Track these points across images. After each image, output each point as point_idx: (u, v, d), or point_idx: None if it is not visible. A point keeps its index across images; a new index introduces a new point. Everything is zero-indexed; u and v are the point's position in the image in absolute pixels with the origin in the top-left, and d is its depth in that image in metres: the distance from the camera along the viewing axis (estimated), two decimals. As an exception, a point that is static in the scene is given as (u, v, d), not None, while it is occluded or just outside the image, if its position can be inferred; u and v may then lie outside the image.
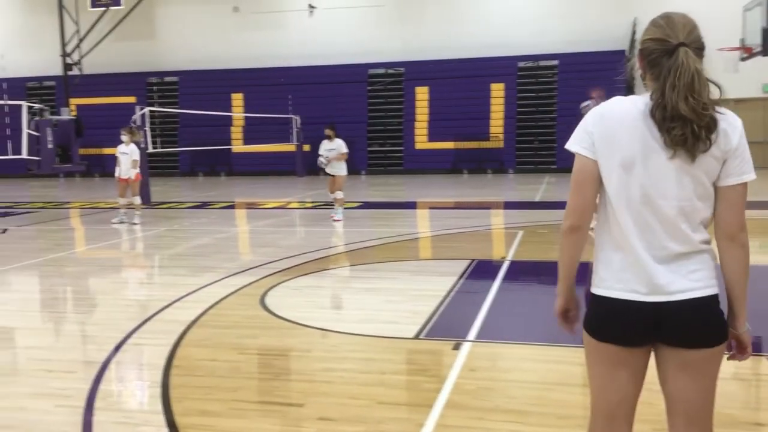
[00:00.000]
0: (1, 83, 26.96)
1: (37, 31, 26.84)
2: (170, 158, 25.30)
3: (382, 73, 25.30)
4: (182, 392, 4.08)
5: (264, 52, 25.60)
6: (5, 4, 27.21)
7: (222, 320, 5.73)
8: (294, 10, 25.49)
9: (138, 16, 24.75)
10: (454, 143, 23.67)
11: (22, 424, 3.69)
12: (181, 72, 26.39)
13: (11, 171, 25.48)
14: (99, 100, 25.38)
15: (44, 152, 13.11)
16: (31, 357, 4.90)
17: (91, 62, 25.19)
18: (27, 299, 7.17)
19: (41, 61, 26.80)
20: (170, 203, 15.66)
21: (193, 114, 23.38)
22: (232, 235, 11.41)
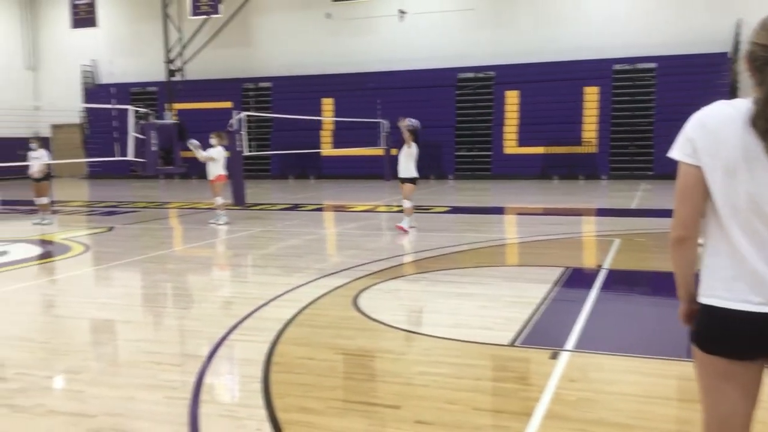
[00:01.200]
0: (110, 89, 28.53)
1: (142, 39, 28.25)
2: (263, 161, 26.01)
3: (472, 77, 25.14)
4: (282, 389, 4.18)
5: (354, 58, 25.97)
6: (114, 14, 28.75)
7: (317, 320, 5.83)
8: (384, 16, 25.72)
9: (235, 24, 25.67)
10: (545, 148, 23.22)
11: (133, 414, 3.86)
12: (275, 78, 27.12)
13: (116, 172, 26.96)
14: (198, 105, 26.40)
15: (149, 155, 13.76)
16: (140, 349, 5.13)
17: (191, 68, 26.34)
18: (132, 294, 7.54)
19: (145, 67, 28.19)
20: (263, 205, 16.08)
21: (285, 118, 23.96)
22: (322, 236, 11.61)
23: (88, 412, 3.87)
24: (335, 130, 25.81)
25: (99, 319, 6.28)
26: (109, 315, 6.38)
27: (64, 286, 7.93)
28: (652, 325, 5.77)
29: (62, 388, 4.41)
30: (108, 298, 7.17)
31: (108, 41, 29.01)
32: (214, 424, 3.71)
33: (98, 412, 3.87)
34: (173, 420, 3.78)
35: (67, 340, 5.61)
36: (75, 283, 8.09)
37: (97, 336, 5.87)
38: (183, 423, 3.72)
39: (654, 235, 10.45)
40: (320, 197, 18.71)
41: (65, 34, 29.33)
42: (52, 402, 4.08)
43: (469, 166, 24.34)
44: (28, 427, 3.69)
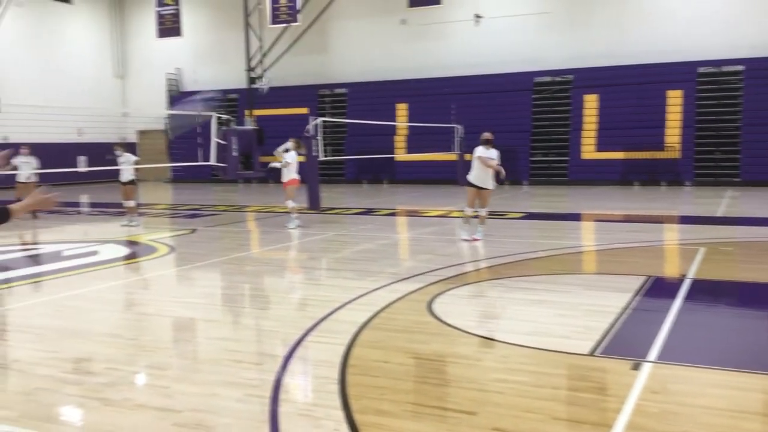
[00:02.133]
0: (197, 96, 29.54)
1: (225, 48, 29.16)
2: (337, 166, 26.37)
3: (549, 81, 24.76)
4: (359, 391, 4.23)
5: (429, 63, 26.01)
6: (197, 24, 29.79)
7: (392, 324, 5.87)
8: (460, 21, 25.65)
9: (313, 32, 26.11)
10: (625, 153, 22.60)
11: (215, 410, 3.99)
12: (350, 84, 27.46)
13: (198, 176, 27.87)
14: (275, 111, 27.02)
15: (230, 159, 14.18)
16: (222, 348, 5.29)
17: (270, 76, 26.96)
18: (213, 294, 7.78)
19: (226, 74, 29.08)
20: (337, 209, 16.30)
21: (359, 124, 24.22)
22: (395, 241, 11.66)
23: (174, 407, 4.02)
24: (409, 135, 25.89)
25: (183, 317, 6.52)
26: (192, 314, 6.61)
27: (150, 286, 8.27)
28: (739, 337, 5.53)
29: (149, 383, 4.59)
30: (191, 298, 7.42)
31: (192, 50, 30.09)
32: (292, 422, 3.79)
33: (183, 407, 4.02)
34: (254, 417, 3.89)
35: (153, 337, 5.84)
36: (160, 282, 8.42)
37: (181, 334, 6.09)
38: (263, 420, 3.82)
39: (742, 245, 10.01)
40: (394, 202, 18.80)
41: (151, 43, 30.59)
42: (140, 396, 4.26)
43: (545, 171, 23.94)
44: (117, 420, 3.87)
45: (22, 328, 6.18)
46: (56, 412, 4.09)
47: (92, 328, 6.01)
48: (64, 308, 6.77)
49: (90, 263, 9.38)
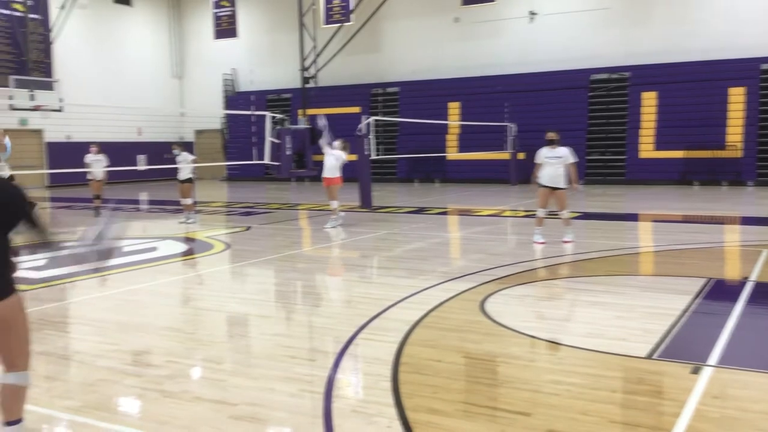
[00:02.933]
0: (250, 96, 30.09)
1: (279, 49, 29.56)
2: (389, 165, 26.42)
3: (605, 78, 24.28)
4: (411, 389, 4.23)
5: (482, 61, 25.82)
6: (253, 25, 30.28)
7: (444, 323, 5.85)
8: (514, 18, 25.40)
9: (366, 31, 26.25)
10: (684, 152, 21.99)
11: (272, 404, 4.05)
12: (403, 83, 27.48)
13: (253, 174, 28.34)
14: (328, 110, 27.21)
15: (283, 158, 14.38)
16: (276, 343, 5.37)
17: (323, 75, 27.24)
18: (267, 291, 7.90)
19: (280, 75, 29.47)
20: (389, 208, 16.33)
21: (411, 123, 24.21)
22: (447, 240, 11.62)
23: (230, 401, 4.10)
24: (461, 133, 25.76)
25: (238, 312, 6.64)
26: (247, 309, 6.72)
27: (207, 281, 8.45)
28: (808, 343, 5.32)
29: (206, 376, 4.69)
30: (246, 294, 7.56)
31: (247, 51, 30.59)
32: (346, 418, 3.82)
33: (239, 401, 4.10)
34: (308, 412, 3.93)
35: (209, 332, 5.97)
36: (216, 278, 8.59)
37: (237, 329, 6.21)
38: (317, 416, 3.86)
39: (809, 247, 9.61)
40: (445, 201, 18.74)
41: (208, 44, 31.25)
42: (197, 389, 4.36)
43: (601, 170, 23.49)
44: (175, 411, 3.97)
45: (84, 320, 6.39)
46: (117, 403, 4.22)
47: (152, 322, 6.17)
48: (125, 302, 6.98)
49: (149, 259, 9.64)
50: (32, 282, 8.06)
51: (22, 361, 3.29)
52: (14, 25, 24.80)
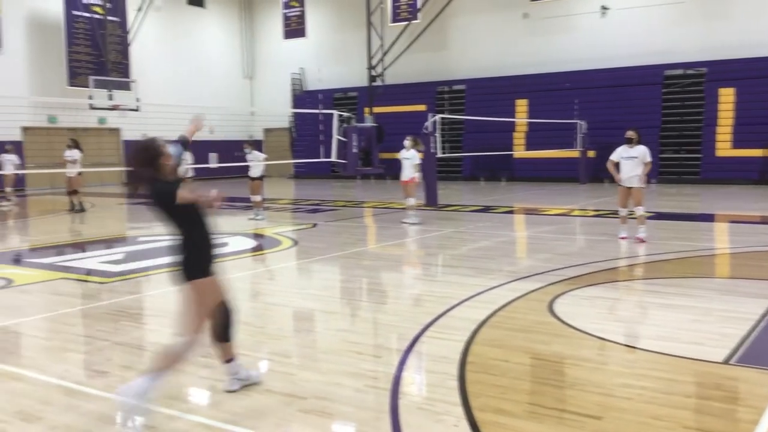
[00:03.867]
0: (317, 94, 30.49)
1: (347, 47, 29.83)
2: (455, 163, 26.30)
3: (680, 74, 23.49)
4: (478, 388, 4.21)
5: (551, 57, 25.39)
6: (321, 24, 30.64)
7: (512, 323, 5.79)
8: (585, 13, 24.87)
9: (432, 29, 26.17)
10: (764, 151, 21.07)
11: (339, 399, 4.11)
12: (469, 80, 27.29)
13: (319, 172, 28.72)
14: (394, 108, 27.31)
15: (350, 156, 14.50)
16: (342, 339, 5.44)
17: (390, 73, 27.31)
18: (333, 287, 7.99)
19: (347, 73, 29.74)
20: (454, 206, 16.26)
21: (477, 120, 24.03)
22: (513, 239, 11.49)
23: (299, 394, 4.18)
24: (529, 131, 25.41)
25: (305, 308, 6.75)
26: (314, 305, 6.82)
27: (275, 277, 8.62)
28: None
29: (275, 369, 4.78)
30: (313, 290, 7.67)
31: (315, 50, 30.99)
32: (413, 416, 3.84)
33: (308, 394, 4.17)
34: (375, 408, 3.97)
35: (278, 326, 6.09)
36: (284, 274, 8.76)
37: (304, 324, 6.31)
38: (384, 411, 3.89)
39: None
40: (512, 199, 18.52)
41: (277, 44, 31.81)
42: (268, 382, 4.45)
43: (676, 169, 22.77)
44: (246, 403, 4.07)
45: (159, 312, 6.61)
46: (191, 394, 4.36)
47: (223, 316, 6.33)
48: (198, 296, 7.18)
49: (220, 254, 9.87)
50: (110, 275, 8.41)
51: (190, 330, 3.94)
52: (94, 27, 25.85)
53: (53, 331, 5.95)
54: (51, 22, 25.32)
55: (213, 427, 3.74)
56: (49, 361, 5.02)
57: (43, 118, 25.04)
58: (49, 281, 8.07)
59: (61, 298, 7.21)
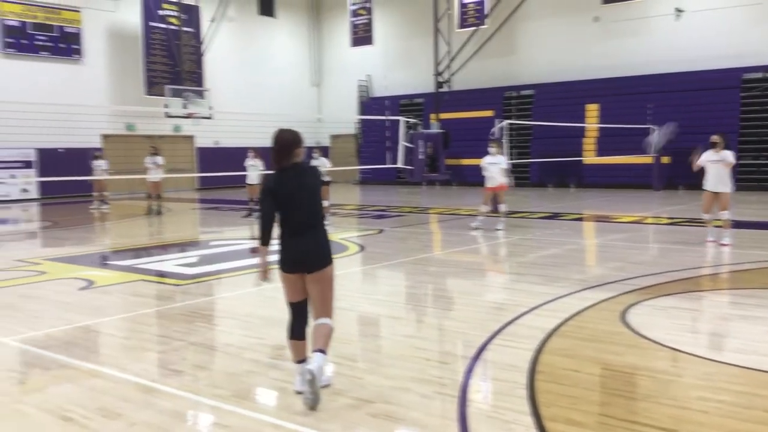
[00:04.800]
0: (384, 101, 30.68)
1: (413, 54, 29.93)
2: (521, 169, 25.98)
3: (760, 78, 22.53)
4: (548, 398, 4.15)
5: (623, 61, 24.80)
6: (388, 31, 30.86)
7: (582, 332, 5.68)
8: (659, 16, 24.19)
9: (500, 34, 26.02)
10: None
11: (406, 404, 4.11)
12: (537, 85, 26.93)
13: (384, 178, 28.86)
14: (460, 114, 27.21)
15: (416, 162, 14.52)
16: (409, 345, 5.45)
17: (456, 79, 27.28)
18: (399, 293, 8.01)
19: (414, 80, 29.82)
20: (522, 213, 16.05)
21: (545, 126, 23.68)
22: (583, 247, 11.25)
23: (367, 398, 4.21)
24: (599, 136, 24.86)
25: (371, 313, 6.80)
26: (380, 310, 6.86)
27: (341, 281, 8.68)
28: None
29: (344, 373, 4.83)
30: (379, 295, 7.72)
31: (382, 57, 31.21)
32: (481, 424, 3.81)
33: (376, 398, 4.20)
34: (443, 415, 3.96)
35: (345, 330, 6.14)
36: (351, 279, 8.83)
37: (371, 328, 6.35)
38: (452, 419, 3.88)
39: None
40: (581, 206, 18.15)
41: (344, 52, 32.21)
42: (338, 385, 4.50)
43: (755, 176, 21.82)
44: (318, 405, 4.12)
45: (231, 315, 6.79)
46: (263, 394, 4.45)
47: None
48: (268, 299, 7.32)
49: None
50: (184, 278, 8.68)
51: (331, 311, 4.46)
52: (170, 38, 26.79)
53: (132, 331, 6.19)
54: (129, 33, 26.38)
55: (282, 427, 3.81)
56: (128, 359, 5.22)
57: (121, 126, 26.09)
58: (128, 282, 8.40)
59: (139, 299, 7.49)
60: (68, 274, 8.95)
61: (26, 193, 23.85)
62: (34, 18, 23.96)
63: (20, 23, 23.61)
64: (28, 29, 23.80)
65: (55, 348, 5.52)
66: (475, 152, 24.05)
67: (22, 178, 23.27)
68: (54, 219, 17.31)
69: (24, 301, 7.31)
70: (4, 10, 23.23)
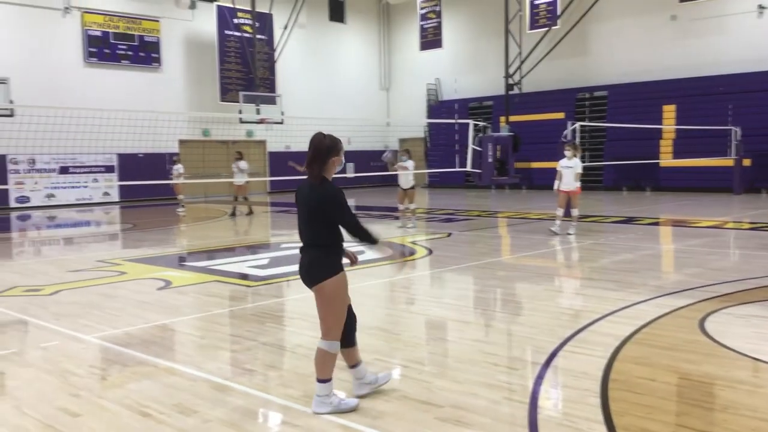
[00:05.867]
0: (453, 104, 30.61)
1: (482, 56, 29.73)
2: (594, 172, 25.39)
3: None
4: (622, 407, 4.03)
5: (702, 60, 23.94)
6: (457, 34, 30.75)
7: (658, 340, 5.50)
8: (739, 13, 23.23)
9: (573, 35, 25.53)
10: None
11: (474, 409, 4.08)
12: (611, 86, 26.29)
13: (453, 181, 28.75)
14: (530, 116, 26.83)
15: (485, 166, 14.41)
16: (478, 349, 5.40)
17: (528, 81, 26.92)
18: (468, 297, 7.95)
19: (483, 82, 29.61)
20: (594, 217, 15.69)
21: (619, 128, 23.07)
22: (658, 252, 10.90)
23: (436, 402, 4.20)
24: (676, 138, 24.05)
25: (439, 316, 6.77)
26: (449, 314, 6.83)
27: (411, 285, 8.71)
28: None
29: (411, 376, 4.83)
30: (447, 299, 7.68)
31: (451, 60, 31.12)
32: (552, 431, 3.74)
33: (444, 403, 4.18)
34: (513, 421, 3.91)
35: (413, 333, 6.16)
36: (419, 282, 8.84)
37: (439, 332, 6.33)
38: (522, 425, 3.82)
39: None
40: (657, 210, 17.59)
41: (413, 56, 32.30)
42: (405, 388, 4.51)
43: None
44: (384, 408, 4.14)
45: (302, 316, 6.89)
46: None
47: (361, 321, 6.41)
48: (337, 301, 7.41)
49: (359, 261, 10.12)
50: (256, 279, 8.87)
51: (333, 331, 4.10)
52: (244, 46, 27.48)
53: (206, 330, 6.37)
54: (205, 41, 27.21)
55: (351, 428, 3.84)
56: (203, 357, 5.37)
57: (197, 132, 26.92)
58: (203, 283, 8.65)
59: (214, 299, 7.70)
60: (147, 274, 9.29)
61: (108, 196, 24.90)
62: (116, 28, 25.02)
63: (102, 33, 24.69)
64: (110, 39, 24.87)
65: (134, 345, 5.73)
66: (545, 155, 23.69)
67: (104, 182, 24.33)
68: (133, 221, 18.01)
69: (105, 300, 7.63)
70: (88, 21, 24.35)
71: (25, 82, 21.28)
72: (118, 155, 24.43)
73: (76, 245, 13.65)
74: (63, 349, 5.70)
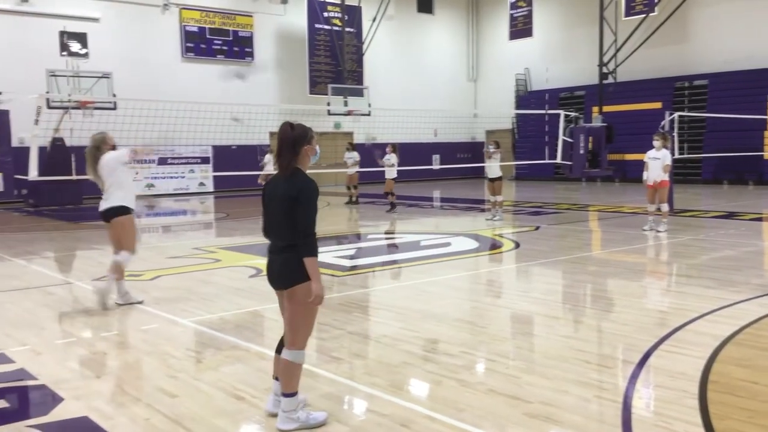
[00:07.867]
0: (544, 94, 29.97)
1: (575, 45, 28.92)
2: (693, 165, 24.27)
3: None
4: (722, 410, 3.84)
5: (814, 46, 22.40)
6: (549, 22, 30.03)
7: (762, 342, 5.20)
8: None
9: (672, 21, 24.46)
10: None
11: (565, 407, 3.98)
12: (712, 74, 25.02)
13: (541, 174, 28.18)
14: (625, 107, 25.90)
15: (576, 157, 14.03)
16: (568, 345, 5.27)
17: (622, 70, 26.00)
18: (557, 291, 7.77)
19: (574, 72, 28.82)
20: (693, 211, 15.01)
21: (721, 118, 21.93)
22: (762, 249, 10.30)
23: (524, 398, 4.13)
24: (783, 130, 22.63)
25: (527, 311, 6.65)
26: (537, 309, 6.70)
27: (497, 278, 8.61)
28: None
29: (499, 371, 4.76)
30: (535, 293, 7.53)
31: (541, 49, 30.44)
32: (646, 432, 3.61)
33: (533, 399, 4.10)
34: (605, 420, 3.79)
35: (500, 327, 6.08)
36: (506, 275, 8.71)
37: (526, 326, 6.22)
38: (615, 425, 3.70)
39: None
40: (761, 205, 16.63)
41: (502, 46, 31.80)
42: (492, 382, 4.46)
43: None
44: (471, 401, 4.11)
45: (387, 307, 6.93)
46: (418, 386, 4.50)
47: (447, 313, 6.47)
48: (423, 293, 7.42)
49: (444, 253, 10.12)
50: (342, 269, 8.99)
51: (300, 340, 3.80)
52: (333, 39, 27.85)
53: (295, 318, 6.50)
54: (296, 35, 27.74)
55: (437, 420, 3.82)
56: (292, 344, 5.49)
57: (287, 124, 27.50)
58: (291, 272, 8.83)
59: (301, 288, 7.85)
60: (240, 262, 9.59)
61: (203, 186, 25.86)
62: (212, 24, 25.88)
63: (199, 29, 25.60)
64: (206, 34, 25.76)
65: (227, 330, 5.93)
66: (640, 147, 22.77)
67: (200, 173, 25.27)
68: (227, 210, 18.63)
69: (200, 286, 7.92)
70: (186, 17, 25.29)
71: (126, 77, 22.33)
72: (213, 147, 25.30)
73: (174, 233, 14.26)
74: (162, 332, 5.96)
